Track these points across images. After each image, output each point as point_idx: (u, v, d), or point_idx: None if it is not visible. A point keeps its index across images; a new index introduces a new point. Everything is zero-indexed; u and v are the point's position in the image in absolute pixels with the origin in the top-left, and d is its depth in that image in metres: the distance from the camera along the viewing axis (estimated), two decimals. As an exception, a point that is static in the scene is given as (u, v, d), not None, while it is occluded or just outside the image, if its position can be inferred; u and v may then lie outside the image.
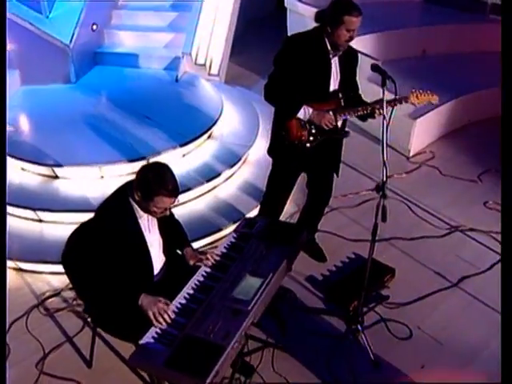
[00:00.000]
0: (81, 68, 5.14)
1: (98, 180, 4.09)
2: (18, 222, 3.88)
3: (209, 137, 4.70)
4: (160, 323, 2.37)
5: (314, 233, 3.89)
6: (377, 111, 3.15)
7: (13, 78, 4.87)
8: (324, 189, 3.63)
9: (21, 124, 4.47)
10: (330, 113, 3.15)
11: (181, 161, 4.35)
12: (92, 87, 5.05)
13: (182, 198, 4.06)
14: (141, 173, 2.49)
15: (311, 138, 3.24)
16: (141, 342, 2.29)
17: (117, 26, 5.61)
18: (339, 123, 3.24)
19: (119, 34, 5.55)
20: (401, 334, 3.27)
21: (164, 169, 2.50)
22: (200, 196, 4.24)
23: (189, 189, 4.05)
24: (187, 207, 4.10)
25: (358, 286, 3.15)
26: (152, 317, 2.39)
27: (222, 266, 2.67)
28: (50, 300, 3.48)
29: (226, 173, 4.40)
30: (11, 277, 3.63)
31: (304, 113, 3.15)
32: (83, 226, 2.66)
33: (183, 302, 2.48)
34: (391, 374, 3.05)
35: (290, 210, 4.04)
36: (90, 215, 2.66)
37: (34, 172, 4.11)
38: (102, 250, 2.49)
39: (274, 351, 3.01)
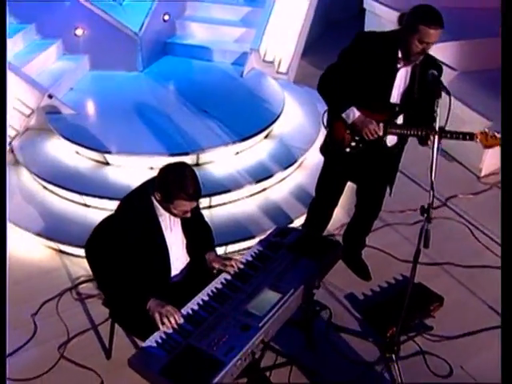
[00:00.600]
0: (149, 57, 5.15)
1: (147, 171, 4.05)
2: (66, 204, 3.93)
3: (266, 136, 4.55)
4: (165, 325, 2.27)
5: (361, 247, 3.65)
6: (431, 137, 2.80)
7: (82, 62, 4.99)
8: (372, 201, 3.38)
9: (82, 108, 4.53)
10: (375, 123, 2.90)
11: (233, 158, 4.25)
12: (157, 77, 5.05)
13: (230, 196, 4.01)
14: (161, 173, 2.39)
15: (353, 144, 3.02)
16: (143, 344, 2.19)
17: (190, 18, 5.59)
18: (391, 138, 2.99)
19: (191, 25, 5.52)
20: (439, 371, 2.98)
21: (185, 171, 2.38)
22: (250, 196, 4.12)
23: (238, 187, 3.95)
24: (236, 206, 4.02)
25: (399, 311, 2.87)
26: (158, 318, 2.29)
27: (244, 275, 2.52)
28: (84, 285, 3.49)
29: (279, 175, 4.24)
30: (51, 257, 3.69)
31: (351, 115, 2.91)
32: (108, 218, 2.61)
33: (195, 308, 2.35)
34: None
35: (340, 219, 3.84)
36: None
37: (87, 157, 4.15)
38: (120, 245, 2.43)
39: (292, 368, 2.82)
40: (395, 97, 2.94)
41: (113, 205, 3.73)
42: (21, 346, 3.11)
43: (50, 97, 4.32)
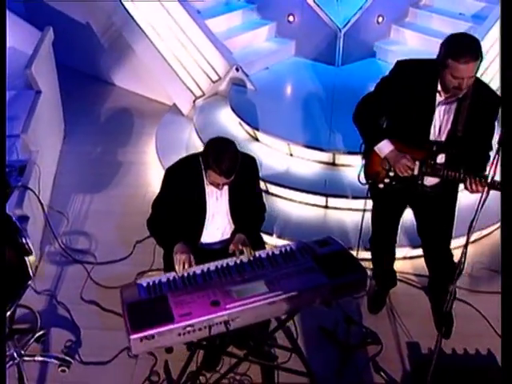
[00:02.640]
0: (350, 54, 5.21)
1: (286, 156, 4.23)
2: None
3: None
4: (177, 269, 2.49)
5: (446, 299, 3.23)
6: (468, 184, 2.52)
7: (287, 47, 5.36)
8: (432, 248, 3.07)
9: (263, 86, 4.88)
10: (410, 158, 2.64)
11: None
12: (348, 76, 5.09)
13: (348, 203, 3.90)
14: (207, 144, 2.57)
15: (386, 181, 2.77)
16: (138, 281, 2.46)
17: (407, 25, 5.43)
18: (431, 179, 2.70)
19: (405, 32, 5.36)
20: None
21: (226, 147, 2.51)
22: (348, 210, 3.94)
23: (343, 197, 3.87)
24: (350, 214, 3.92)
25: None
26: (175, 261, 2.52)
27: (257, 263, 2.54)
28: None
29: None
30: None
31: (384, 149, 2.69)
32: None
33: (198, 271, 2.50)
34: None
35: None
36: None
37: (245, 130, 4.50)
38: (169, 196, 2.71)
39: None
40: (437, 133, 2.60)
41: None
42: (117, 260, 3.68)
43: (237, 70, 4.80)
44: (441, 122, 2.60)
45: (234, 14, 5.27)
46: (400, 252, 3.56)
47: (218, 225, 2.78)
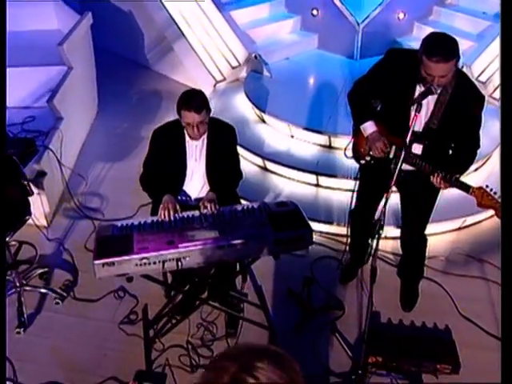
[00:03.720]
0: (369, 48, 5.36)
1: (287, 137, 4.51)
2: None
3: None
4: (161, 215, 2.82)
5: (417, 278, 3.40)
6: (433, 178, 2.70)
7: (310, 40, 5.61)
8: (408, 227, 3.21)
9: (279, 74, 5.17)
10: (385, 142, 2.83)
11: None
12: (365, 68, 5.25)
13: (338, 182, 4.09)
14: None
15: (367, 158, 2.98)
16: (115, 222, 2.84)
17: (430, 22, 5.53)
18: (408, 167, 2.82)
19: (427, 30, 5.45)
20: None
21: (194, 90, 2.92)
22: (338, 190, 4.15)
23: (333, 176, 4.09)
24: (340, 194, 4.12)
25: (404, 350, 2.99)
26: (161, 207, 2.85)
27: (219, 215, 2.84)
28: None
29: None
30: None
31: (367, 129, 2.89)
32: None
33: (170, 218, 2.83)
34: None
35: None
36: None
37: (255, 113, 4.81)
38: (155, 155, 3.08)
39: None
40: (418, 125, 2.72)
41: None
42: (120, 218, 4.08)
43: (256, 57, 5.12)
44: (422, 113, 2.69)
45: (262, 6, 5.58)
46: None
47: (195, 184, 3.11)
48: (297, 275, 3.55)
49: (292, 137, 4.49)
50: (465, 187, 2.68)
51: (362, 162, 3.07)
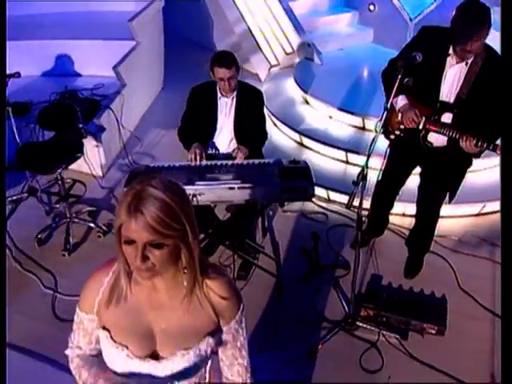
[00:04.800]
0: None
1: (326, 118, 4.81)
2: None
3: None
4: (190, 157, 3.24)
5: (423, 250, 3.58)
6: (462, 141, 2.78)
7: (365, 33, 5.89)
8: (427, 203, 3.33)
9: (328, 62, 5.47)
10: (417, 112, 2.93)
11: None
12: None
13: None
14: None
15: (397, 132, 3.12)
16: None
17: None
18: (437, 138, 2.98)
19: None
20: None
21: (225, 51, 3.29)
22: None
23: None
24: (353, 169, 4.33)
25: (396, 308, 3.21)
26: (191, 152, 3.27)
27: (239, 164, 3.22)
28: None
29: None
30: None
31: (399, 102, 3.03)
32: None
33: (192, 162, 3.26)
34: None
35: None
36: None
37: (301, 95, 5.15)
38: (191, 110, 3.52)
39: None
40: (446, 94, 2.87)
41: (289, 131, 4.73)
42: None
43: (309, 45, 5.46)
44: (451, 84, 2.84)
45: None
46: (400, 208, 3.96)
47: (224, 137, 3.50)
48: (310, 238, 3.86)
49: (330, 117, 4.78)
50: (493, 147, 2.76)
51: (392, 136, 3.20)
